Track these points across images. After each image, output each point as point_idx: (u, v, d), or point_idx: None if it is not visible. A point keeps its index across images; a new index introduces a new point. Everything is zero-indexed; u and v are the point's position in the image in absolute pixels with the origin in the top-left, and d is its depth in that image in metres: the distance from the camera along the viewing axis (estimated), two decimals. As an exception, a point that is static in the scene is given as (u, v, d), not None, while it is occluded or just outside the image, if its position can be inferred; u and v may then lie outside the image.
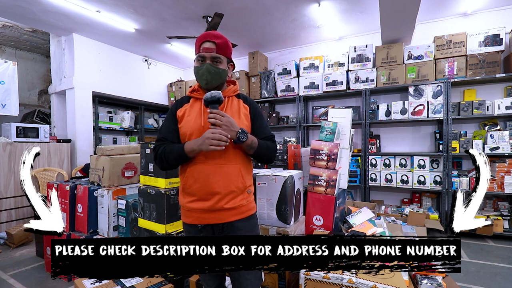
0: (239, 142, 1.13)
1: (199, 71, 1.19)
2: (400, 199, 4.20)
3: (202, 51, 1.18)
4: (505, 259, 2.81)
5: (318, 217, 1.77)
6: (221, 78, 1.22)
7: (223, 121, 1.08)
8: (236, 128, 1.11)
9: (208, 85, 1.20)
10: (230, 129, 1.09)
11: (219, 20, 3.53)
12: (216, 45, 1.18)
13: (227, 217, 1.16)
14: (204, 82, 1.20)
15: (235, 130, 1.10)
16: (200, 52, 1.18)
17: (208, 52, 1.17)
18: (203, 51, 1.17)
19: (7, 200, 3.55)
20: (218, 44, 1.18)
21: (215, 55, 1.18)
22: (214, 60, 1.18)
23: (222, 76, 1.21)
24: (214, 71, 1.18)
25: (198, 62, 1.20)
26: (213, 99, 1.09)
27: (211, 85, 1.20)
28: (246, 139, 1.13)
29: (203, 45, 1.18)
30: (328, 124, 1.83)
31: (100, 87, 4.72)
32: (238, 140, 1.12)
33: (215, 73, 1.18)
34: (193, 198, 1.17)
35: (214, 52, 1.17)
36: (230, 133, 1.09)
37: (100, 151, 2.38)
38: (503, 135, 3.36)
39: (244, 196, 1.20)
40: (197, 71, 1.20)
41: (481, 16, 3.79)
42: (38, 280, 2.45)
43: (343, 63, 4.27)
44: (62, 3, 3.42)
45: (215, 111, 1.09)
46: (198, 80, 1.22)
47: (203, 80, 1.19)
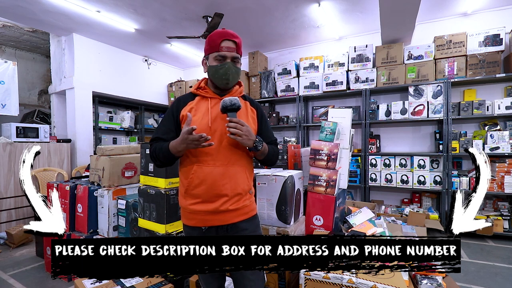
0: (254, 150, 1.13)
1: (220, 70, 1.14)
2: (400, 199, 4.20)
3: (223, 50, 1.13)
4: (505, 259, 2.81)
5: (318, 217, 1.77)
6: (239, 77, 1.22)
7: (243, 131, 1.06)
8: (253, 137, 1.11)
9: (228, 85, 1.18)
10: (249, 138, 1.08)
11: (219, 20, 3.53)
12: (236, 44, 1.16)
13: (231, 218, 1.15)
14: (225, 82, 1.16)
15: (252, 139, 1.10)
16: (221, 51, 1.13)
17: (229, 52, 1.14)
18: (225, 50, 1.13)
19: (7, 200, 3.55)
20: (238, 43, 1.17)
21: (236, 55, 1.16)
22: (234, 59, 1.16)
23: (240, 75, 1.22)
24: (235, 70, 1.16)
25: (217, 61, 1.15)
26: (233, 107, 1.06)
27: (231, 85, 1.19)
28: (262, 147, 1.14)
29: (224, 44, 1.13)
30: (328, 124, 1.83)
31: (100, 87, 4.72)
32: (254, 148, 1.12)
33: (236, 73, 1.18)
34: (197, 200, 1.14)
35: (235, 52, 1.15)
36: (248, 142, 1.09)
37: (100, 151, 2.38)
38: (503, 135, 3.36)
39: (248, 197, 1.20)
40: (216, 70, 1.15)
41: (481, 16, 3.79)
42: (38, 280, 2.45)
43: (343, 63, 4.27)
44: (62, 3, 3.42)
45: (236, 120, 1.06)
46: (217, 79, 1.17)
47: (223, 80, 1.16)
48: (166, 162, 1.17)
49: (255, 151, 1.14)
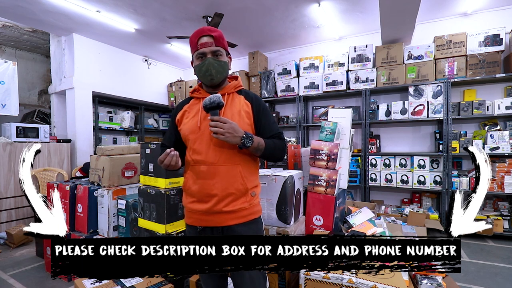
0: (244, 147, 1.07)
1: (202, 68, 1.13)
2: (400, 199, 4.20)
3: (200, 47, 1.12)
4: (505, 259, 2.81)
5: (318, 217, 1.77)
6: (225, 71, 1.16)
7: (225, 129, 1.02)
8: (239, 133, 1.04)
9: (213, 81, 1.15)
10: (234, 135, 1.03)
11: (219, 20, 3.53)
12: (214, 38, 1.13)
13: (226, 220, 1.12)
14: (209, 78, 1.14)
15: (238, 135, 1.04)
16: (199, 48, 1.12)
17: (207, 47, 1.12)
18: (202, 47, 1.12)
19: (7, 200, 3.55)
20: (215, 36, 1.13)
21: (215, 48, 1.13)
22: (215, 53, 1.13)
23: (225, 68, 1.16)
24: (217, 64, 1.13)
25: (198, 60, 1.14)
26: (212, 105, 1.03)
27: (216, 80, 1.15)
28: (252, 143, 1.07)
29: (200, 41, 1.12)
30: (328, 124, 1.83)
31: (100, 87, 4.72)
32: (243, 145, 1.06)
33: (219, 66, 1.13)
34: (193, 199, 1.15)
35: (213, 46, 1.12)
36: (233, 139, 1.03)
37: (100, 151, 2.38)
38: (503, 135, 3.36)
39: (247, 199, 1.14)
40: (199, 69, 1.14)
41: (481, 16, 3.79)
42: (38, 280, 2.45)
43: (343, 63, 4.27)
44: (62, 3, 3.42)
45: (216, 118, 1.03)
46: (202, 78, 1.16)
47: (207, 77, 1.14)
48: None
49: (245, 149, 1.08)
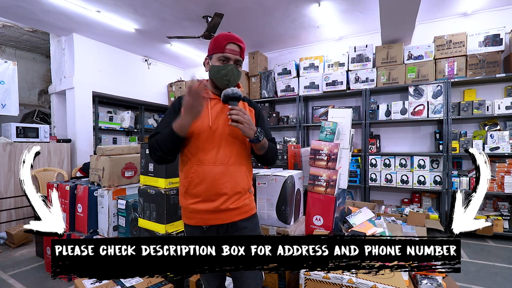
0: (256, 141, 1.14)
1: (222, 71, 1.18)
2: (400, 199, 4.20)
3: (227, 52, 1.18)
4: (505, 259, 2.81)
5: (318, 217, 1.77)
6: (239, 80, 1.25)
7: (245, 119, 1.08)
8: (254, 127, 1.13)
9: (228, 86, 1.20)
10: (250, 128, 1.10)
11: (219, 20, 3.53)
12: (241, 48, 1.21)
13: (231, 217, 1.17)
14: (225, 83, 1.19)
15: (253, 129, 1.12)
16: (225, 52, 1.18)
17: (233, 54, 1.18)
18: (229, 52, 1.18)
19: (7, 200, 3.55)
20: (242, 48, 1.22)
21: (239, 58, 1.21)
22: (237, 62, 1.21)
23: (240, 78, 1.25)
24: (237, 73, 1.20)
25: (220, 62, 1.19)
26: (234, 96, 1.11)
27: (231, 86, 1.21)
28: (263, 139, 1.16)
29: (229, 46, 1.18)
30: (328, 124, 1.83)
31: (100, 87, 4.72)
32: (256, 139, 1.13)
33: (237, 75, 1.21)
34: (198, 199, 1.16)
35: (238, 55, 1.20)
36: (249, 131, 1.10)
37: (100, 151, 2.38)
38: (503, 135, 3.36)
39: (247, 196, 1.22)
40: (218, 70, 1.19)
41: (481, 16, 3.79)
42: (38, 280, 2.45)
43: (343, 63, 4.27)
44: (62, 3, 3.42)
45: (237, 108, 1.09)
46: (217, 79, 1.21)
47: (224, 81, 1.19)
48: (168, 149, 1.12)
49: (256, 143, 1.15)
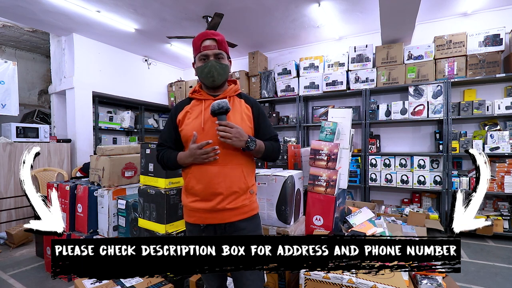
0: (248, 150, 1.15)
1: (204, 70, 1.18)
2: (400, 199, 4.20)
3: (204, 50, 1.18)
4: (505, 259, 2.81)
5: (318, 217, 1.77)
6: (226, 74, 1.23)
7: (232, 133, 1.09)
8: (245, 137, 1.12)
9: (215, 83, 1.20)
10: (239, 139, 1.11)
11: (219, 20, 3.52)
12: (217, 41, 1.19)
13: (229, 217, 1.17)
14: (211, 80, 1.19)
15: (243, 139, 1.12)
16: (201, 51, 1.18)
17: (210, 50, 1.18)
18: (205, 49, 1.18)
19: (7, 200, 3.55)
20: (218, 40, 1.19)
21: (217, 51, 1.19)
22: (217, 56, 1.19)
23: (226, 71, 1.22)
24: (219, 66, 1.19)
25: (201, 62, 1.20)
26: (221, 110, 1.09)
27: (218, 82, 1.21)
28: (255, 146, 1.15)
29: (204, 44, 1.18)
30: (328, 124, 1.83)
31: (100, 87, 4.72)
32: (247, 148, 1.14)
33: (221, 68, 1.19)
34: (196, 198, 1.18)
35: (216, 49, 1.18)
36: (238, 143, 1.11)
37: (100, 151, 2.38)
38: (503, 135, 3.36)
39: (247, 196, 1.20)
40: (201, 70, 1.19)
41: (481, 16, 3.79)
42: (38, 280, 2.45)
43: (343, 63, 4.27)
44: (62, 3, 3.42)
45: (224, 123, 1.09)
46: (204, 79, 1.22)
47: (209, 78, 1.19)
48: (174, 167, 1.25)
49: (248, 151, 1.16)
